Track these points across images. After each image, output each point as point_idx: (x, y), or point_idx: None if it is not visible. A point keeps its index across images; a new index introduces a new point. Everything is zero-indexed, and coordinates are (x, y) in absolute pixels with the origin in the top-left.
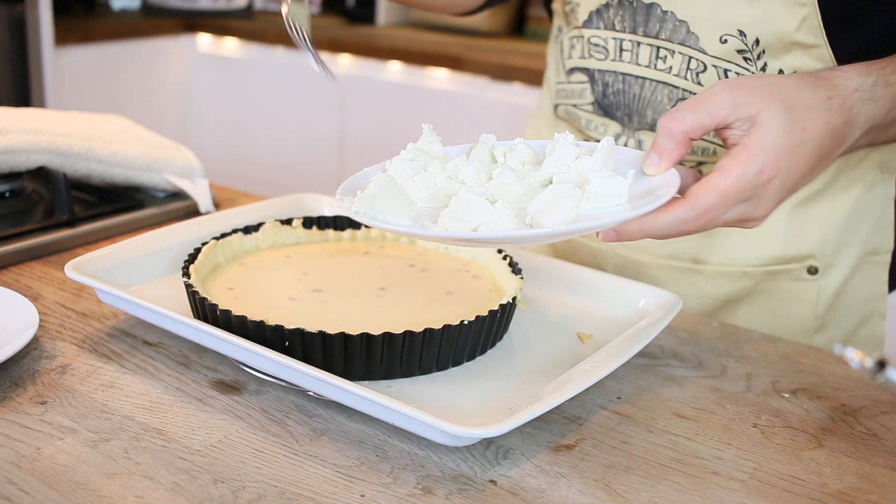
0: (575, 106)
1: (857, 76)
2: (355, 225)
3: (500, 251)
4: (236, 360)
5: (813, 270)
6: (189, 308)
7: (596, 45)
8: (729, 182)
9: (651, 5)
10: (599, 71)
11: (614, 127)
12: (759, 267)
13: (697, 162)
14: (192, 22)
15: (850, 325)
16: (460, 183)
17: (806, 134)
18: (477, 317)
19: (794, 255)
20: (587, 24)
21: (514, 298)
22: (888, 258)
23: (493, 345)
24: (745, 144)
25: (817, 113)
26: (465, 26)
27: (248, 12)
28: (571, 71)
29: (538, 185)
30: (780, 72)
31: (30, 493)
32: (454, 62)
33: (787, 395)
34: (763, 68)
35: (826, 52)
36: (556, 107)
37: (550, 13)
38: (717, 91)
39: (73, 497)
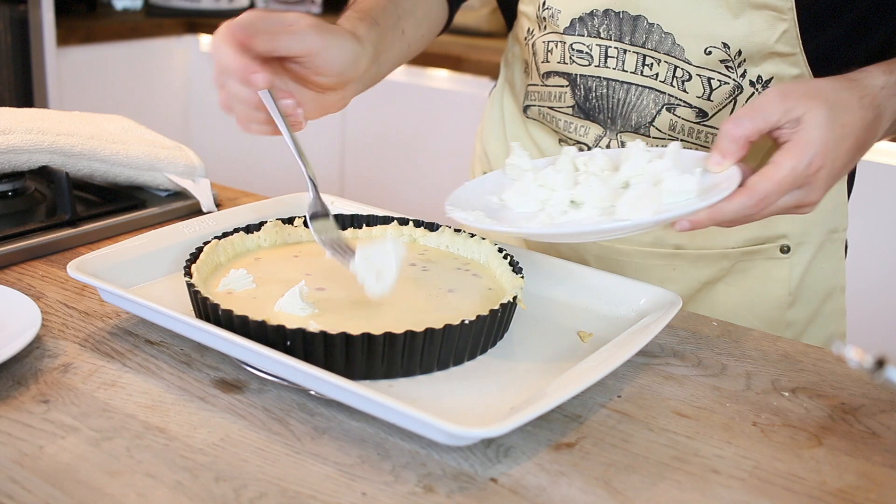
0: (552, 108)
1: (881, 75)
2: (356, 224)
3: (500, 250)
4: (238, 360)
5: (785, 249)
6: (191, 307)
7: (579, 51)
8: (784, 173)
9: (637, 17)
10: (582, 76)
11: (595, 129)
12: (736, 248)
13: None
14: (195, 22)
15: (818, 299)
16: (551, 190)
17: (846, 129)
18: (478, 316)
19: (769, 236)
20: (569, 30)
21: (514, 297)
22: (845, 235)
23: (493, 344)
24: (796, 141)
25: (853, 111)
26: (466, 26)
27: None
28: (548, 74)
29: (618, 186)
30: (758, 77)
31: (32, 492)
32: (455, 62)
33: (786, 394)
34: (742, 75)
35: (801, 58)
36: (525, 108)
37: (508, 14)
38: (770, 98)
39: (76, 495)
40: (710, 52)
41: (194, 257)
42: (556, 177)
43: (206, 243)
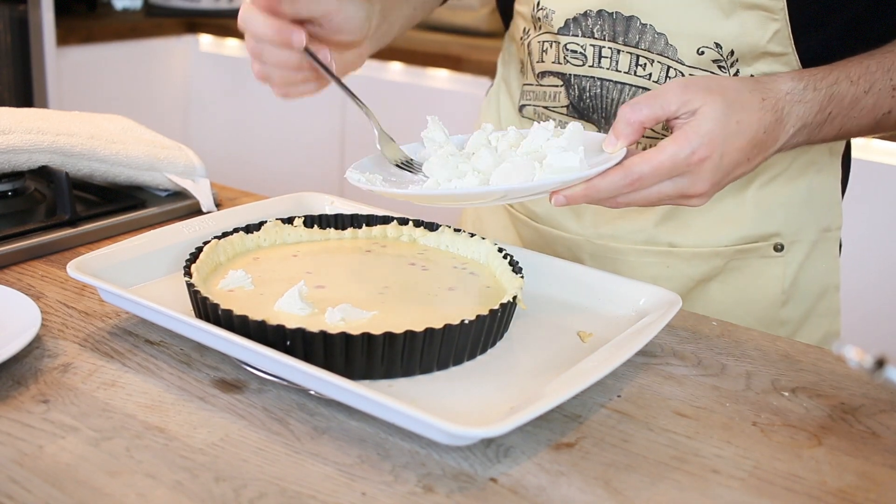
0: (547, 108)
1: (789, 81)
2: (356, 224)
3: (500, 249)
4: (238, 360)
5: (779, 248)
6: (191, 307)
7: (573, 51)
8: (663, 157)
9: (630, 18)
10: (576, 76)
11: (590, 129)
12: (730, 247)
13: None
14: (194, 22)
15: (812, 298)
16: (461, 160)
17: (740, 126)
18: (478, 316)
19: (762, 234)
20: (563, 30)
21: (514, 297)
22: (839, 234)
23: (493, 344)
24: (685, 129)
25: (752, 111)
26: (465, 26)
27: None
28: (543, 74)
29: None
30: (751, 76)
31: (32, 492)
32: (454, 62)
33: (786, 394)
34: (735, 75)
35: (793, 58)
36: (521, 107)
37: (505, 14)
38: (670, 88)
39: (75, 495)
40: (702, 53)
41: (194, 257)
42: (455, 150)
43: (205, 243)
